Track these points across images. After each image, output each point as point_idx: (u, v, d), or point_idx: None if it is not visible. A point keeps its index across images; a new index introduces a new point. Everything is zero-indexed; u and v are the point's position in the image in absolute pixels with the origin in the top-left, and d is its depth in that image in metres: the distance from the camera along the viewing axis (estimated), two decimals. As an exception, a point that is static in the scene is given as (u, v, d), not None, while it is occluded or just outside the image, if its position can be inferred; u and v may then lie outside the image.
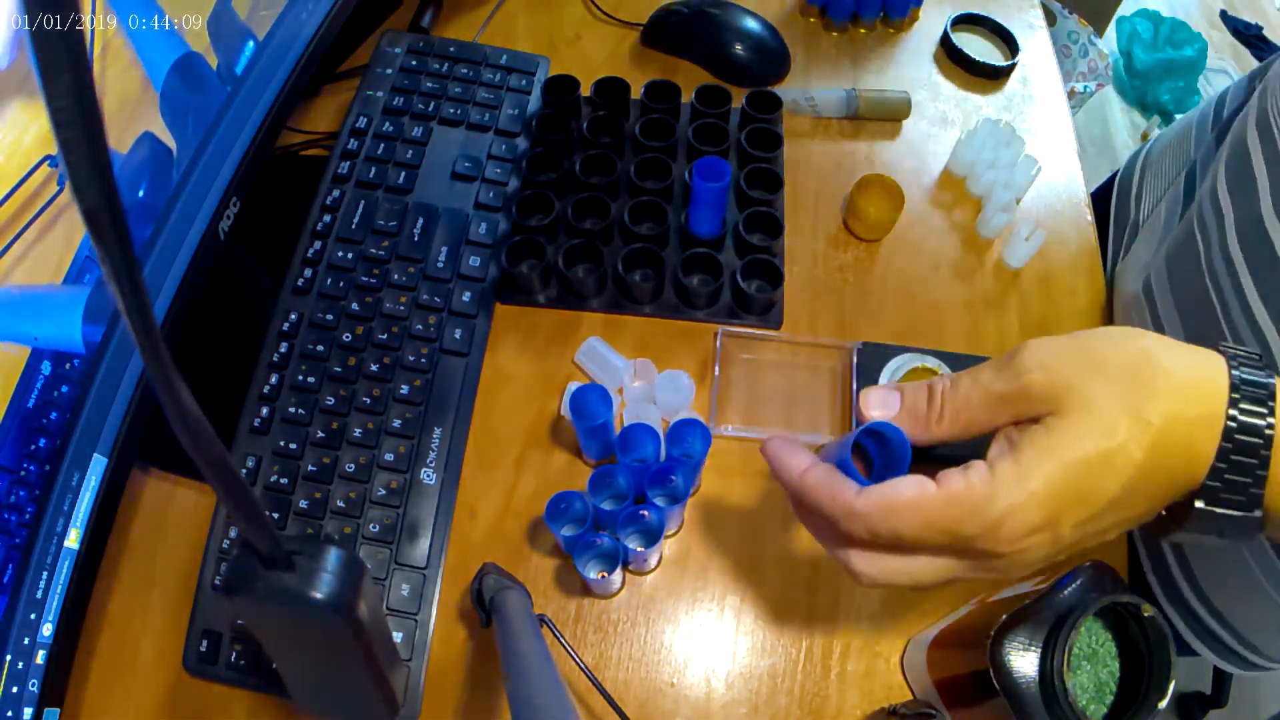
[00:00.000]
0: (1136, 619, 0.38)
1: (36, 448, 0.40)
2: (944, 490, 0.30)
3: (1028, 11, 0.73)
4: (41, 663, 0.41)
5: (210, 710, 0.47)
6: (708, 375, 0.55)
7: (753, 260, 0.56)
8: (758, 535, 0.51)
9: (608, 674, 0.48)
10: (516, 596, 0.42)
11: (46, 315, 0.40)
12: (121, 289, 0.15)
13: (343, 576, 0.23)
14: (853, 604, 0.50)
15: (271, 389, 0.52)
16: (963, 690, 0.42)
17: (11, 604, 0.40)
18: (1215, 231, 0.46)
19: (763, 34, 0.68)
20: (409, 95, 0.63)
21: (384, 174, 0.60)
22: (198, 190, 0.48)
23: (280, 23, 0.54)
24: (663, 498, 0.49)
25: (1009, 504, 0.29)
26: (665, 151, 0.60)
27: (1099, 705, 0.38)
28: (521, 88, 0.65)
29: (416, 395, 0.52)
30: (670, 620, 0.49)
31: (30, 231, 0.38)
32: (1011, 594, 0.43)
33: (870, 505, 0.31)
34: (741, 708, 0.47)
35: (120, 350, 0.44)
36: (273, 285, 0.57)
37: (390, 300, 0.55)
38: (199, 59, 0.47)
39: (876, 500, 0.31)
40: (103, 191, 0.14)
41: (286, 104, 0.55)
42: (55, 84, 0.12)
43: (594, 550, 0.46)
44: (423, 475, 0.50)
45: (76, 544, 0.43)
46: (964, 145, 0.63)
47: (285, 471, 0.50)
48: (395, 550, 0.49)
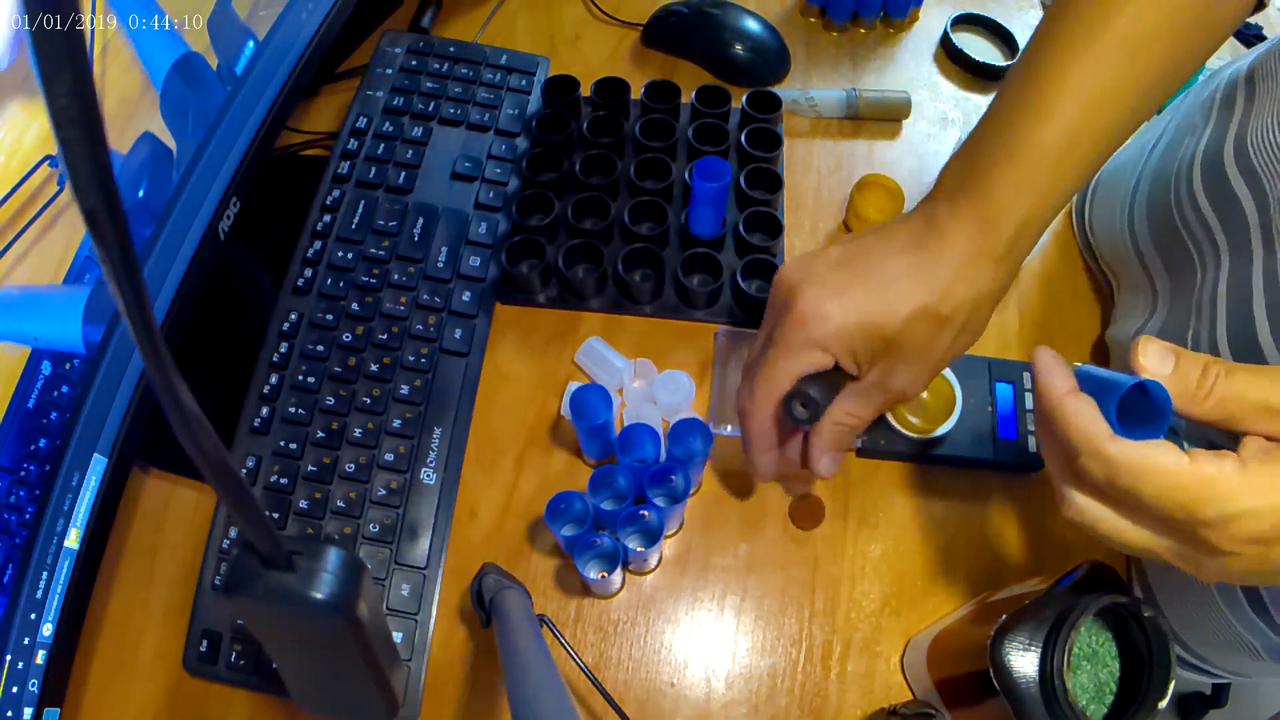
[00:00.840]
0: (1136, 619, 0.38)
1: (36, 448, 0.40)
2: (1197, 468, 0.30)
3: (1028, 11, 0.73)
4: (41, 663, 0.41)
5: (210, 710, 0.47)
6: (708, 375, 0.55)
7: (753, 260, 0.56)
8: (758, 535, 0.51)
9: (608, 674, 0.48)
10: (516, 596, 0.42)
11: (46, 315, 0.40)
12: (121, 289, 0.15)
13: (343, 576, 0.23)
14: (853, 604, 0.50)
15: (271, 389, 0.52)
16: (963, 690, 0.42)
17: (11, 604, 0.40)
18: None
19: (763, 34, 0.68)
20: (409, 95, 0.63)
21: (384, 174, 0.60)
22: (198, 190, 0.48)
23: (280, 23, 0.54)
24: (663, 498, 0.49)
25: (1250, 505, 0.29)
26: (665, 151, 0.60)
27: (1099, 705, 0.38)
28: (521, 88, 0.65)
29: (416, 395, 0.52)
30: (670, 620, 0.49)
31: (30, 231, 0.38)
32: (1011, 594, 0.43)
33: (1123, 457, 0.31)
34: (741, 708, 0.47)
35: (120, 350, 0.44)
36: (273, 285, 0.57)
37: (390, 300, 0.55)
38: (199, 59, 0.47)
39: (1131, 455, 0.31)
40: (103, 191, 0.14)
41: (286, 104, 0.55)
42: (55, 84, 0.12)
43: (594, 550, 0.46)
44: (423, 475, 0.50)
45: (76, 544, 0.43)
46: (964, 145, 0.63)
47: (285, 471, 0.50)
48: (395, 550, 0.49)
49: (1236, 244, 0.45)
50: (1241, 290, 0.43)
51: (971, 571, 0.51)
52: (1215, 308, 0.45)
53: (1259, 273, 0.42)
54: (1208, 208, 0.47)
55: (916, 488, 0.53)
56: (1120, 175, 0.58)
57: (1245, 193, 0.44)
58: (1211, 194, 0.47)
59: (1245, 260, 0.43)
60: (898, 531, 0.51)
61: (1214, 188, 0.46)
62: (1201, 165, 0.48)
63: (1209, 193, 0.47)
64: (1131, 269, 0.55)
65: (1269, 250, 0.42)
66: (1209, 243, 0.47)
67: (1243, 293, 0.43)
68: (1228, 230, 0.46)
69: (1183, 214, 0.49)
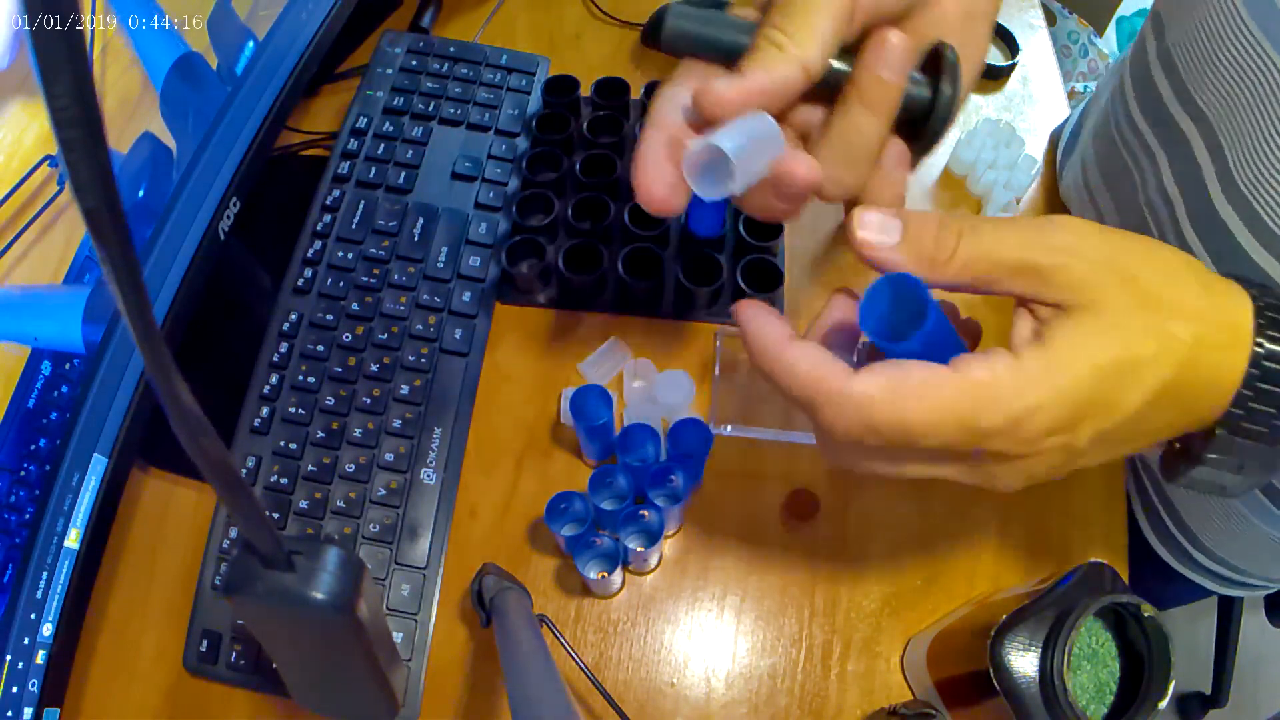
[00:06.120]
0: (1136, 619, 0.38)
1: (36, 448, 0.40)
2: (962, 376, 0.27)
3: (1028, 11, 0.73)
4: (41, 663, 0.41)
5: (210, 710, 0.47)
6: (708, 375, 0.55)
7: (753, 260, 0.56)
8: (758, 535, 0.51)
9: (608, 674, 0.48)
10: (516, 596, 0.42)
11: (46, 315, 0.40)
12: (121, 289, 0.15)
13: (343, 576, 0.23)
14: (853, 604, 0.50)
15: (271, 389, 0.52)
16: (963, 690, 0.42)
17: (11, 604, 0.40)
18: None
19: (763, 34, 0.68)
20: (409, 95, 0.63)
21: (384, 174, 0.60)
22: (198, 190, 0.48)
23: (280, 23, 0.54)
24: (663, 498, 0.49)
25: (1036, 399, 0.26)
26: (665, 151, 0.60)
27: (1099, 705, 0.38)
28: (521, 88, 0.65)
29: (416, 395, 0.52)
30: (670, 620, 0.49)
31: (30, 231, 0.38)
32: (1011, 594, 0.43)
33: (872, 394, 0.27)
34: (741, 708, 0.47)
35: (120, 350, 0.44)
36: (273, 285, 0.57)
37: (390, 300, 0.55)
38: (199, 59, 0.47)
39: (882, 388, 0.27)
40: (103, 191, 0.14)
41: (286, 104, 0.55)
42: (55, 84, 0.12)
43: (594, 550, 0.46)
44: (423, 475, 0.50)
45: (76, 544, 0.43)
46: (964, 145, 0.63)
47: (285, 471, 0.50)
48: (395, 550, 0.49)
49: (1172, 138, 0.44)
50: (1190, 174, 0.42)
51: (971, 571, 0.51)
52: (1168, 197, 0.44)
53: (1202, 151, 0.41)
54: (1139, 117, 0.47)
55: (917, 486, 0.53)
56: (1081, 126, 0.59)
57: (1168, 92, 0.44)
58: (1142, 101, 0.46)
59: (1185, 149, 0.43)
60: (898, 531, 0.51)
61: (1144, 94, 0.46)
62: (1132, 79, 0.48)
63: (1140, 101, 0.47)
64: (1087, 207, 0.56)
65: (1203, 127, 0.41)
66: (1143, 150, 0.47)
67: (1191, 175, 0.42)
68: (1160, 133, 0.45)
69: (1121, 132, 0.49)
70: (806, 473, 0.52)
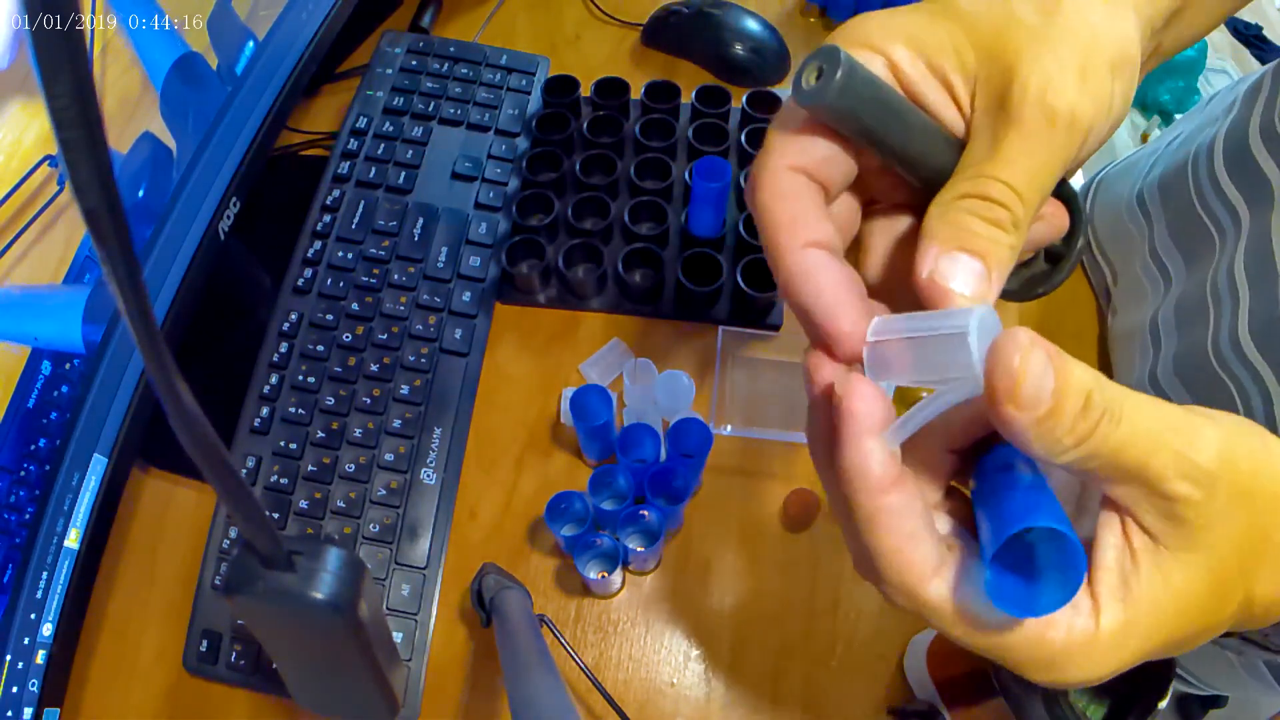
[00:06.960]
0: (1136, 619, 0.38)
1: (36, 448, 0.40)
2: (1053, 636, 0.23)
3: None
4: (41, 663, 0.41)
5: (210, 710, 0.47)
6: (708, 375, 0.55)
7: (753, 260, 0.56)
8: (758, 535, 0.51)
9: (608, 674, 0.48)
10: (516, 596, 0.42)
11: (46, 315, 0.40)
12: (121, 289, 0.15)
13: (343, 576, 0.23)
14: (853, 604, 0.50)
15: (271, 389, 0.52)
16: (963, 690, 0.42)
17: (11, 604, 0.40)
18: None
19: (763, 34, 0.68)
20: (409, 95, 0.63)
21: (384, 174, 0.60)
22: (198, 190, 0.48)
23: (280, 23, 0.54)
24: (663, 498, 0.49)
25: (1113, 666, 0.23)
26: (665, 151, 0.60)
27: (1099, 705, 0.38)
28: (521, 88, 0.65)
29: (416, 395, 0.52)
30: (670, 620, 0.49)
31: (30, 231, 0.38)
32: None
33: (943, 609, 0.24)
34: (741, 708, 0.47)
35: (120, 350, 0.44)
36: (273, 285, 0.57)
37: (390, 300, 0.55)
38: (199, 59, 0.47)
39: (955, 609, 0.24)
40: (103, 191, 0.14)
41: (286, 104, 0.55)
42: (55, 84, 0.12)
43: (594, 550, 0.46)
44: (423, 475, 0.50)
45: (76, 544, 0.43)
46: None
47: (285, 471, 0.50)
48: (395, 550, 0.49)
49: (1259, 213, 0.44)
50: (1264, 258, 0.42)
51: (971, 571, 0.51)
52: (1235, 284, 0.44)
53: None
54: (1228, 183, 0.46)
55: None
56: (1128, 173, 0.58)
57: (1272, 166, 0.43)
58: (1234, 170, 0.46)
59: (1264, 228, 0.43)
60: (898, 531, 0.51)
61: (1236, 164, 0.46)
62: (1225, 145, 0.47)
63: (1230, 169, 0.46)
64: (1138, 254, 0.55)
65: None
66: (1229, 215, 0.47)
67: (1265, 261, 0.42)
68: (1250, 201, 0.45)
69: (1201, 194, 0.49)
70: (806, 473, 0.52)
